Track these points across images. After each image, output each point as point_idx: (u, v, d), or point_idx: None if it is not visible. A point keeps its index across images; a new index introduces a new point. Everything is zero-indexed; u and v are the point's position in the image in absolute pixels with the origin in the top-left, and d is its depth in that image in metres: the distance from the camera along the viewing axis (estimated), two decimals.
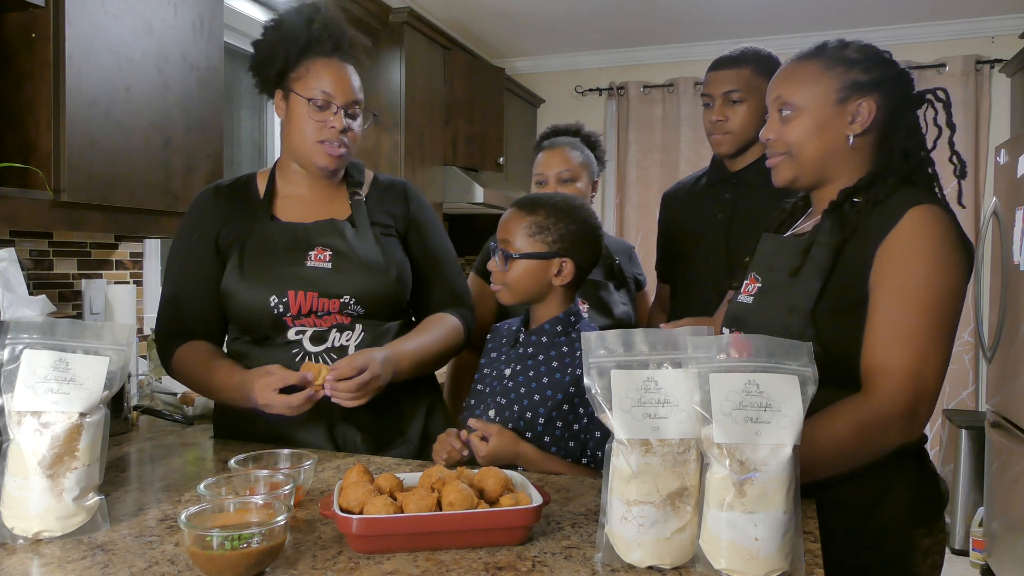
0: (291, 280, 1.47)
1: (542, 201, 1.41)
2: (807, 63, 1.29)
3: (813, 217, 1.35)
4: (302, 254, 1.49)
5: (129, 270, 2.49)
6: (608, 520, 0.94)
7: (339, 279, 1.48)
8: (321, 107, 1.49)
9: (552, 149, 2.02)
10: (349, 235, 1.53)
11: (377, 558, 0.94)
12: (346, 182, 1.62)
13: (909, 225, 1.16)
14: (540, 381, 1.31)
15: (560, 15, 4.15)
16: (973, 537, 3.42)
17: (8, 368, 1.02)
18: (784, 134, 1.28)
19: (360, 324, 1.51)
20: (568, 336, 1.36)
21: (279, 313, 1.46)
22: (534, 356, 1.35)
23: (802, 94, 1.26)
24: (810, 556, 0.95)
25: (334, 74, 1.50)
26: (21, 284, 1.86)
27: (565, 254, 1.38)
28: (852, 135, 1.25)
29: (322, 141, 1.50)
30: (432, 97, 3.64)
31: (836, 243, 1.20)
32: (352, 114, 1.53)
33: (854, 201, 1.23)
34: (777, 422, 0.89)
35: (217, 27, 2.20)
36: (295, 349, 1.48)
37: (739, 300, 1.34)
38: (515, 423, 1.31)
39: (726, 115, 1.85)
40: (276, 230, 1.52)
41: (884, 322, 1.15)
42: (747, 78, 1.84)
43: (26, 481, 0.99)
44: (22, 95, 1.79)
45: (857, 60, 1.26)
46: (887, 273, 1.16)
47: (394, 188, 1.67)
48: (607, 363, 0.95)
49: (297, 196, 1.58)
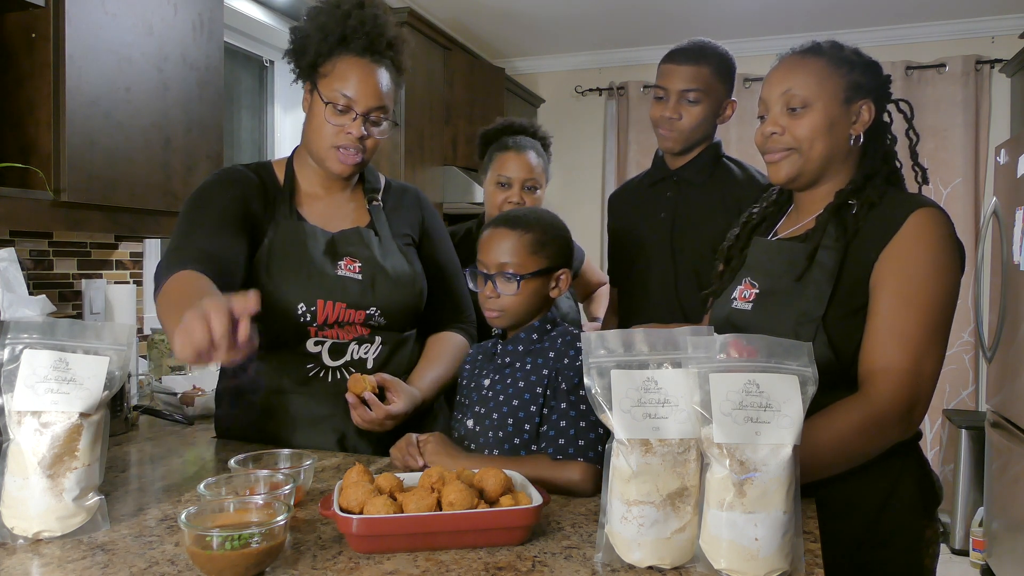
0: (321, 289, 1.43)
1: (529, 218, 1.37)
2: (812, 59, 1.27)
3: (799, 218, 1.34)
4: (332, 262, 1.46)
5: (129, 270, 2.49)
6: (608, 520, 0.94)
7: (368, 291, 1.47)
8: (341, 111, 1.44)
9: (519, 151, 1.98)
10: (375, 246, 1.51)
11: (377, 558, 0.94)
12: (362, 186, 1.60)
13: (913, 229, 1.17)
14: (517, 386, 1.29)
15: (560, 15, 4.15)
16: (973, 537, 3.42)
17: (8, 368, 1.01)
18: (794, 129, 1.26)
19: (379, 336, 1.50)
20: (543, 343, 1.34)
21: (304, 321, 1.43)
22: (511, 365, 1.33)
23: (813, 90, 1.25)
24: (810, 556, 0.95)
25: (361, 76, 1.44)
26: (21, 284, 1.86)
27: (564, 265, 1.37)
28: (854, 135, 1.26)
29: (338, 147, 1.45)
30: (432, 97, 3.64)
31: (842, 246, 1.20)
32: (375, 120, 1.47)
33: (849, 203, 1.24)
34: (777, 422, 0.89)
35: (217, 27, 2.20)
36: (311, 363, 1.45)
37: (736, 307, 1.32)
38: (494, 432, 1.30)
39: (679, 113, 1.80)
40: (303, 232, 1.47)
41: (885, 324, 1.15)
42: (707, 78, 1.79)
43: (26, 481, 0.98)
44: (22, 95, 1.80)
45: (856, 63, 1.27)
46: (891, 276, 1.16)
47: (408, 195, 1.66)
48: (607, 363, 0.95)
49: (315, 195, 1.54)
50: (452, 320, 1.65)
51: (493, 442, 1.29)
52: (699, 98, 1.79)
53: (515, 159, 1.98)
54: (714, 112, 1.83)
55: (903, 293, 1.15)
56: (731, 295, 1.34)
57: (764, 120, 1.31)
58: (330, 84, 1.44)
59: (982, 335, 3.40)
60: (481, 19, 4.19)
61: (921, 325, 1.14)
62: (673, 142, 1.84)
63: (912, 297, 1.15)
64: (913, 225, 1.17)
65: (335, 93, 1.43)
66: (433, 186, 3.67)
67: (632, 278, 1.96)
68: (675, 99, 1.80)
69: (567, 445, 1.20)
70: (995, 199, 3.25)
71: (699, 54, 1.80)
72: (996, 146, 3.33)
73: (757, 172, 1.88)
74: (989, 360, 3.27)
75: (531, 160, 1.98)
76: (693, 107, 1.80)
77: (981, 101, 4.17)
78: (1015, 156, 3.00)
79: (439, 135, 3.72)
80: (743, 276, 1.34)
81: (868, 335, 1.17)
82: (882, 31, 4.23)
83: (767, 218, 1.43)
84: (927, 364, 1.15)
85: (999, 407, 3.11)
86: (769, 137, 1.29)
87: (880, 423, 1.12)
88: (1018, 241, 2.94)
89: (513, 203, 1.95)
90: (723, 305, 1.35)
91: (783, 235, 1.35)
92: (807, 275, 1.22)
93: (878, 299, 1.17)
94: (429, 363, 1.56)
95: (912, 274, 1.15)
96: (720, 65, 1.82)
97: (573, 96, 4.98)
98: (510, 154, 1.99)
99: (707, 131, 1.85)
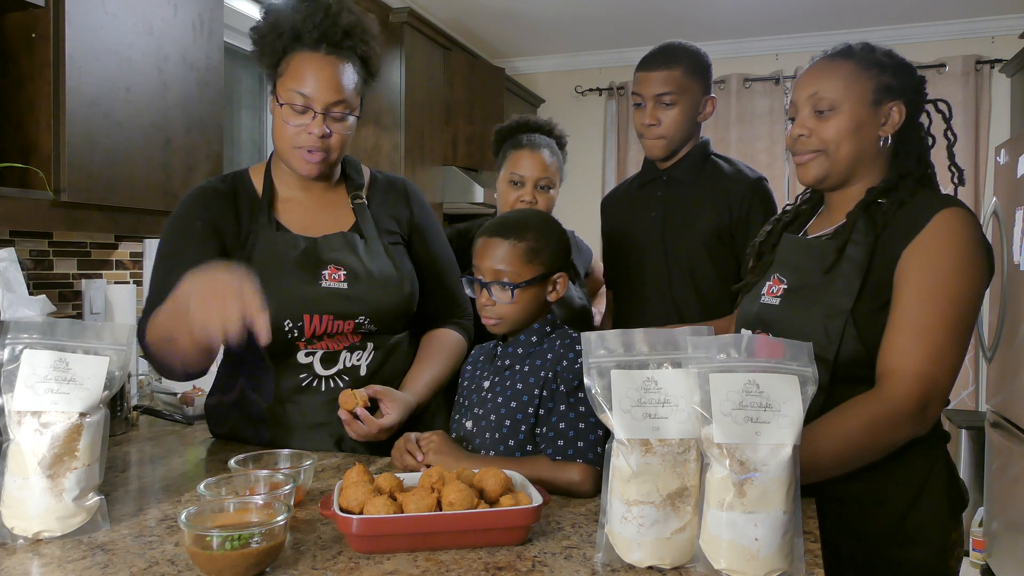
0: (306, 303, 1.39)
1: (523, 224, 1.34)
2: (840, 62, 1.28)
3: (830, 218, 1.34)
4: (315, 272, 1.41)
5: (129, 270, 2.49)
6: (608, 520, 0.94)
7: (355, 299, 1.42)
8: (300, 111, 1.38)
9: (533, 149, 1.96)
10: (361, 250, 1.46)
11: (377, 558, 0.94)
12: (344, 183, 1.55)
13: (938, 227, 1.17)
14: (516, 388, 1.29)
15: (560, 15, 4.16)
16: (973, 537, 3.42)
17: (8, 368, 1.01)
18: (820, 131, 1.27)
19: (371, 342, 1.47)
20: (541, 346, 1.33)
21: (292, 338, 1.40)
22: (511, 367, 1.32)
23: (840, 92, 1.26)
24: (810, 556, 0.95)
25: (316, 72, 1.38)
26: (21, 284, 1.86)
27: (560, 269, 1.35)
28: (883, 136, 1.26)
29: (299, 148, 1.40)
30: (432, 97, 3.64)
31: (871, 241, 1.21)
32: (336, 116, 1.40)
33: (879, 202, 1.25)
34: (777, 422, 0.89)
35: (217, 27, 2.20)
36: (303, 374, 1.43)
37: (764, 301, 1.33)
38: (491, 433, 1.30)
39: (658, 118, 1.80)
40: (284, 242, 1.43)
41: (906, 321, 1.16)
42: (678, 79, 1.79)
43: (26, 481, 0.98)
44: (22, 95, 1.80)
45: (887, 64, 1.27)
46: (913, 273, 1.17)
47: (395, 188, 1.60)
48: (607, 363, 0.95)
49: (295, 200, 1.50)
50: (447, 316, 1.62)
51: (490, 443, 1.29)
52: (674, 100, 1.79)
53: (529, 157, 1.95)
54: (693, 112, 1.82)
55: (925, 289, 1.16)
56: (760, 291, 1.35)
57: (793, 122, 1.32)
58: (286, 84, 1.39)
59: (982, 335, 3.40)
60: (481, 19, 4.19)
61: (942, 324, 1.15)
62: (659, 149, 1.85)
63: (934, 293, 1.15)
64: (939, 223, 1.17)
65: (291, 93, 1.38)
66: (433, 186, 3.67)
67: (626, 279, 1.96)
68: (651, 105, 1.81)
69: (566, 447, 1.20)
70: (995, 199, 3.25)
71: (669, 57, 1.81)
72: (996, 146, 3.33)
73: (746, 167, 1.89)
74: (989, 360, 3.27)
75: (545, 159, 1.96)
76: (670, 110, 1.80)
77: (981, 101, 4.18)
78: (1015, 156, 3.00)
79: (439, 135, 3.72)
80: (772, 272, 1.35)
81: (888, 330, 1.17)
82: (882, 31, 4.23)
83: (799, 216, 1.43)
84: (945, 361, 1.15)
85: (999, 407, 3.11)
86: (797, 139, 1.30)
87: (893, 420, 1.13)
88: (1018, 241, 2.94)
89: (526, 202, 1.94)
90: (752, 300, 1.37)
91: (813, 234, 1.36)
92: (836, 269, 1.23)
93: (900, 295, 1.17)
94: (423, 364, 1.53)
95: (935, 271, 1.16)
96: (692, 65, 1.81)
97: (573, 96, 4.98)
98: (524, 152, 1.96)
99: (689, 131, 1.84)
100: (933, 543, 1.23)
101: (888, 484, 1.21)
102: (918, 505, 1.22)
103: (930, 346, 1.14)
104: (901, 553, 1.21)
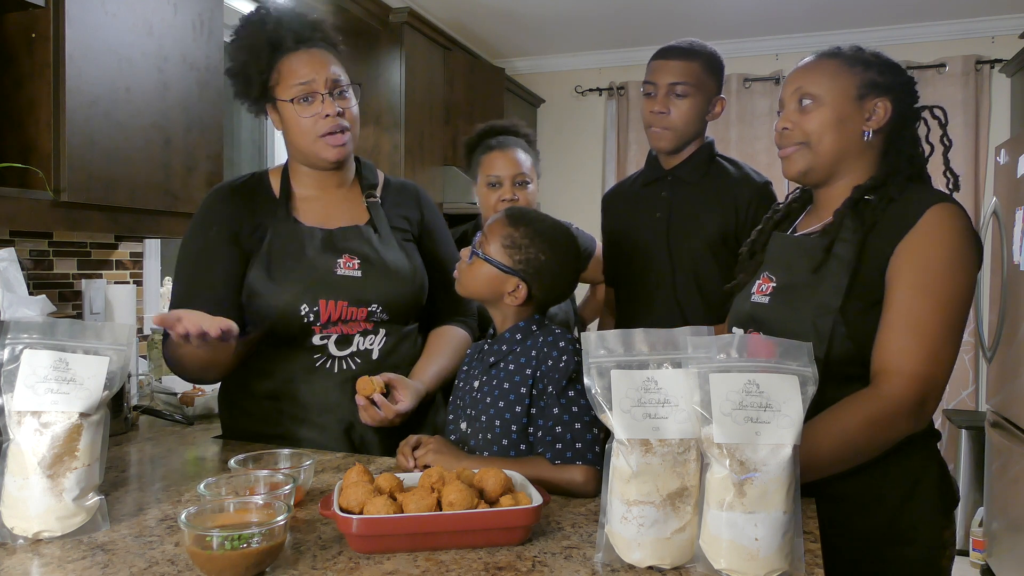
0: (322, 288, 1.46)
1: (529, 218, 1.35)
2: (826, 60, 1.30)
3: (818, 215, 1.35)
4: (331, 261, 1.48)
5: (129, 270, 2.49)
6: (608, 520, 0.94)
7: (368, 288, 1.49)
8: (307, 100, 1.47)
9: (504, 149, 1.98)
10: (375, 242, 1.53)
11: (377, 558, 0.94)
12: (359, 183, 1.62)
13: (929, 222, 1.18)
14: (503, 387, 1.28)
15: (560, 15, 4.16)
16: (973, 537, 3.42)
17: (8, 368, 1.01)
18: (803, 123, 1.28)
19: (383, 329, 1.52)
20: (526, 344, 1.32)
21: (309, 321, 1.46)
22: (496, 365, 1.32)
23: (823, 86, 1.27)
24: (810, 556, 0.95)
25: (307, 61, 1.48)
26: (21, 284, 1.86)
27: (524, 277, 1.32)
28: (868, 131, 1.26)
29: (323, 135, 1.48)
30: (432, 97, 3.64)
31: (859, 239, 1.21)
32: (340, 92, 1.50)
33: (867, 199, 1.25)
34: (777, 422, 0.89)
35: (217, 27, 2.20)
36: (317, 354, 1.48)
37: (754, 300, 1.33)
38: (483, 433, 1.29)
39: (668, 107, 1.79)
40: (301, 233, 1.50)
41: (901, 318, 1.16)
42: (696, 72, 1.79)
43: (26, 481, 0.99)
44: (22, 95, 1.80)
45: (874, 63, 1.28)
46: (906, 269, 1.17)
47: (406, 191, 1.68)
48: (607, 363, 0.95)
49: (312, 198, 1.57)
50: (453, 314, 1.67)
51: (483, 444, 1.29)
52: (688, 91, 1.78)
53: (501, 157, 1.97)
54: (703, 108, 1.82)
55: (918, 285, 1.16)
56: (751, 289, 1.36)
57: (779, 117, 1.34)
58: (285, 85, 1.48)
59: (982, 335, 3.40)
60: (481, 19, 4.19)
61: (936, 317, 1.15)
62: (665, 140, 1.83)
63: (928, 289, 1.15)
64: (930, 219, 1.18)
65: (292, 88, 1.47)
66: (433, 186, 3.67)
67: (629, 278, 1.95)
68: (664, 93, 1.79)
69: (565, 449, 1.19)
70: (995, 199, 3.25)
71: (688, 50, 1.81)
72: (996, 146, 3.33)
73: (752, 171, 1.88)
74: (989, 360, 3.27)
75: (518, 156, 1.98)
76: (682, 101, 1.79)
77: (981, 101, 4.18)
78: (1015, 156, 3.01)
79: (439, 135, 3.72)
80: (762, 271, 1.36)
81: (882, 328, 1.17)
82: (882, 31, 4.23)
83: (789, 215, 1.44)
84: (941, 357, 1.15)
85: (999, 407, 3.11)
86: (782, 133, 1.32)
87: (891, 417, 1.13)
88: (1018, 241, 2.94)
89: (507, 200, 1.94)
90: (744, 299, 1.37)
91: (802, 231, 1.37)
92: (824, 268, 1.23)
93: (893, 291, 1.17)
94: (431, 356, 1.58)
95: (928, 267, 1.16)
96: (709, 61, 1.82)
97: (573, 96, 4.98)
98: (495, 153, 1.98)
99: (698, 128, 1.84)
100: (927, 541, 1.23)
101: (883, 482, 1.21)
102: (912, 503, 1.22)
103: (926, 343, 1.14)
104: (895, 551, 1.22)
